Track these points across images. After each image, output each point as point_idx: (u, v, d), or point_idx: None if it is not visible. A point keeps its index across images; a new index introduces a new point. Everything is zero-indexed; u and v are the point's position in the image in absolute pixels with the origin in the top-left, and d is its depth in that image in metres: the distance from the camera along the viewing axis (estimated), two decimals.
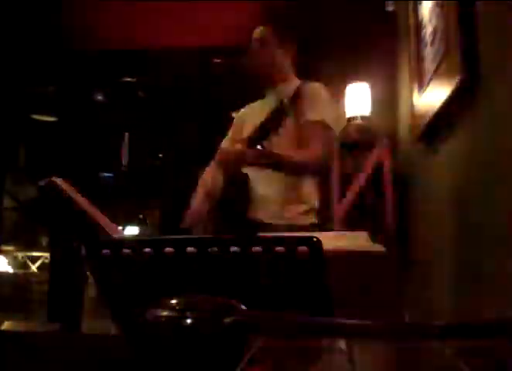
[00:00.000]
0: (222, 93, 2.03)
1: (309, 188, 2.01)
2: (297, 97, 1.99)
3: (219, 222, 1.89)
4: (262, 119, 2.08)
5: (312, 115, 1.94)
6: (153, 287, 0.85)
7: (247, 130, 2.11)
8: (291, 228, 1.90)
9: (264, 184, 1.97)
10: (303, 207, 1.97)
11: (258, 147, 1.79)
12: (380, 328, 0.64)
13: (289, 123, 1.97)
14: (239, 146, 1.88)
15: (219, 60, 2.00)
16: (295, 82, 2.09)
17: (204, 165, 2.24)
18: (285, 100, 1.97)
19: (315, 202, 2.03)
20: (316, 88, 2.04)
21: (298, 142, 1.93)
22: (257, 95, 2.20)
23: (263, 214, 1.95)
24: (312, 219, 2.01)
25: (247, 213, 1.95)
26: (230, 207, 1.91)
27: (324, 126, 1.94)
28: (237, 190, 1.91)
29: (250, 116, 2.19)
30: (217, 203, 1.92)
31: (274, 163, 1.83)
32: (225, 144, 2.19)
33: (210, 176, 2.19)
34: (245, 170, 1.98)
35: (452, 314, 1.65)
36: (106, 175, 5.39)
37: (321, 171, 1.98)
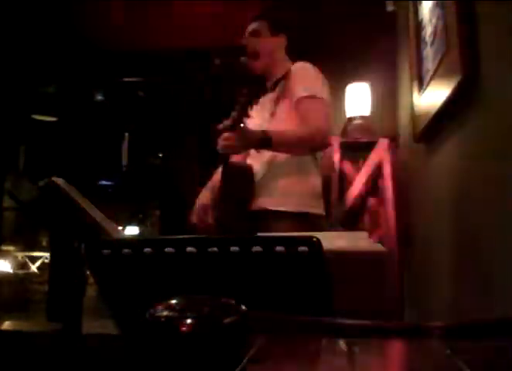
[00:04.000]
0: (222, 94, 2.03)
1: (314, 178, 2.00)
2: (287, 78, 2.01)
3: (223, 213, 1.89)
4: (262, 114, 2.10)
5: (303, 92, 1.94)
6: (153, 287, 0.85)
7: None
8: (298, 215, 1.90)
9: (267, 172, 1.97)
10: (308, 194, 1.97)
11: (241, 125, 1.77)
12: (380, 328, 0.64)
13: (284, 105, 1.99)
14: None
15: (219, 61, 2.00)
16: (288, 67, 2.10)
17: (204, 165, 2.25)
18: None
19: (320, 191, 2.03)
20: (302, 66, 2.05)
21: (297, 122, 1.93)
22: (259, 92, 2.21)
23: (267, 202, 1.95)
24: (320, 209, 2.00)
25: (251, 203, 1.95)
26: (233, 198, 1.91)
27: (317, 99, 1.94)
28: (240, 180, 1.91)
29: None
30: (220, 194, 1.92)
31: (263, 140, 1.82)
32: None
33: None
34: (248, 160, 1.98)
35: (452, 314, 1.65)
36: (105, 182, 5.40)
37: (320, 145, 1.98)
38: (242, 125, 1.71)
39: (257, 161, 1.99)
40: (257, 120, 2.10)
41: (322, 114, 1.93)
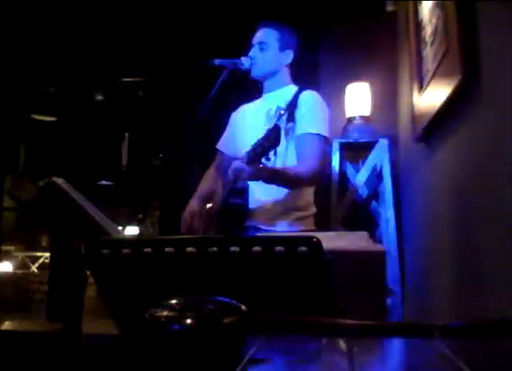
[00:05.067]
0: (222, 94, 2.04)
1: (307, 196, 2.04)
2: (293, 105, 2.01)
3: (218, 229, 1.92)
4: (257, 125, 2.09)
5: (309, 128, 1.96)
6: (153, 287, 0.85)
7: (240, 133, 2.14)
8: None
9: (262, 192, 1.99)
10: (301, 214, 2.00)
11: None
12: (380, 329, 0.64)
13: (286, 131, 1.99)
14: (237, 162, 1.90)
15: (218, 61, 2.00)
16: (292, 88, 2.09)
17: (203, 165, 2.26)
18: (281, 117, 1.98)
19: (313, 209, 2.06)
20: (312, 98, 2.04)
21: (297, 155, 1.96)
22: (255, 96, 2.21)
23: (261, 221, 1.98)
24: (311, 225, 2.04)
25: (245, 220, 1.98)
26: (229, 214, 1.94)
27: (321, 138, 1.96)
28: (237, 198, 1.94)
29: (243, 118, 2.21)
30: (217, 211, 1.95)
31: (269, 177, 1.85)
32: (220, 144, 2.24)
33: (208, 179, 2.22)
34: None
35: (452, 314, 1.65)
36: (105, 182, 5.40)
37: (315, 183, 2.05)
38: (262, 163, 1.74)
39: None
40: (242, 129, 2.12)
41: (321, 154, 1.98)
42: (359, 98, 2.86)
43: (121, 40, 3.42)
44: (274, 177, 1.85)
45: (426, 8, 1.99)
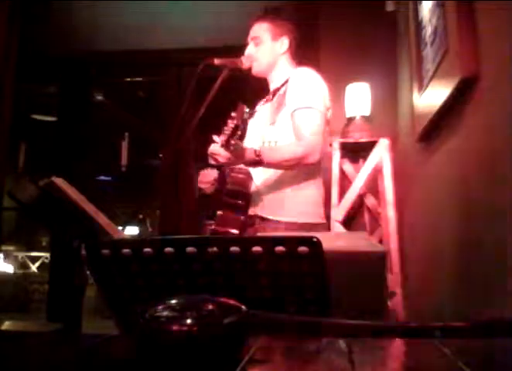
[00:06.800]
0: (222, 93, 2.05)
1: (312, 186, 2.02)
2: (285, 86, 2.01)
3: (221, 216, 1.91)
4: (260, 119, 2.10)
5: (299, 103, 1.94)
6: (153, 287, 0.85)
7: (250, 129, 2.14)
8: (293, 225, 1.91)
9: (264, 180, 1.98)
10: (304, 204, 1.99)
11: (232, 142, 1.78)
12: (380, 329, 0.64)
13: (283, 113, 1.99)
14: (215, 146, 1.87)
15: (218, 60, 2.01)
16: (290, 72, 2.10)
17: (203, 165, 2.25)
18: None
19: (319, 200, 2.04)
20: (301, 74, 2.04)
21: (292, 134, 1.95)
22: (260, 93, 2.22)
23: (262, 210, 1.96)
24: (317, 218, 2.02)
25: (248, 208, 1.97)
26: (232, 202, 1.93)
27: (313, 111, 1.93)
28: (239, 186, 1.93)
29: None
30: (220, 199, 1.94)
31: (252, 159, 1.83)
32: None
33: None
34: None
35: (452, 314, 1.65)
36: (104, 178, 5.40)
37: (313, 160, 1.94)
38: (234, 143, 1.72)
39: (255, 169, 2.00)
40: (257, 128, 2.11)
41: (315, 128, 1.92)
42: (359, 98, 2.86)
43: (121, 40, 3.42)
44: (261, 160, 1.83)
45: (426, 8, 1.99)
